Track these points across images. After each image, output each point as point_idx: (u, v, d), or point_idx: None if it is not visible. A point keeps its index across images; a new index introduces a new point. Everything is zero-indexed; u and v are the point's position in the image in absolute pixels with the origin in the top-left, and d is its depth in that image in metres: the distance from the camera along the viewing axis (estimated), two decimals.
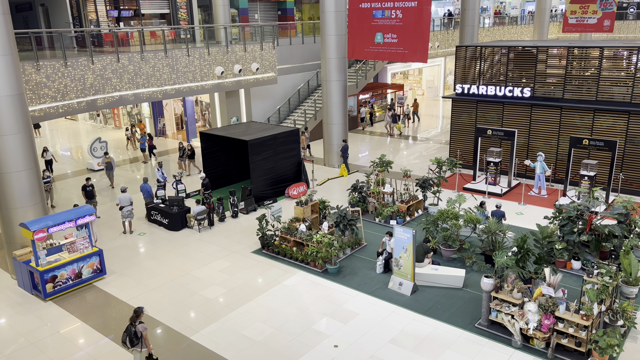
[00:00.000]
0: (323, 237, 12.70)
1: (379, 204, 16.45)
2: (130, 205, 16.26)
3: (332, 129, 21.43)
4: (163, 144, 27.25)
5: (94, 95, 17.73)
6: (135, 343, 9.21)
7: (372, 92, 31.16)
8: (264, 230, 14.06)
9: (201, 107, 27.46)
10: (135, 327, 9.23)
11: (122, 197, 16.66)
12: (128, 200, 16.44)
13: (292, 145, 18.45)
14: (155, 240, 15.19)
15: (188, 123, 26.91)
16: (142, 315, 9.31)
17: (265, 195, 17.77)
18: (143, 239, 15.30)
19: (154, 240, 15.19)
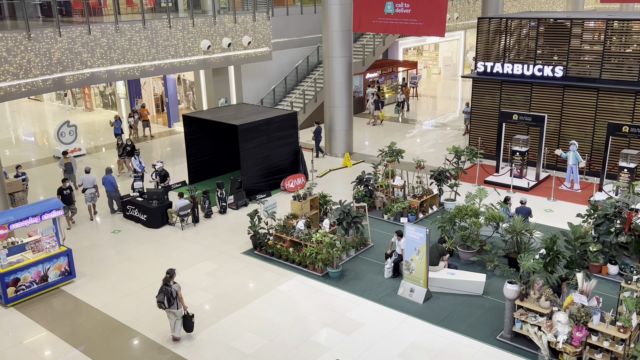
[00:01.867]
0: (324, 236, 12.72)
1: (387, 199, 16.46)
2: (93, 187, 16.37)
3: (334, 113, 21.42)
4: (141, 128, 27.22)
5: (62, 72, 17.71)
6: (171, 303, 10.45)
7: (381, 70, 31.13)
8: (256, 228, 14.09)
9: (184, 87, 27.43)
10: (170, 287, 10.46)
11: (85, 179, 16.67)
12: (91, 182, 16.48)
13: (289, 130, 18.44)
14: (131, 238, 15.23)
15: (169, 105, 26.91)
16: (174, 276, 10.57)
17: (258, 188, 17.78)
18: (118, 237, 15.33)
19: (130, 238, 15.23)
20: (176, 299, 10.54)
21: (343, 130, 21.59)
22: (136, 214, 16.12)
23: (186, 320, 10.84)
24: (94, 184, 16.38)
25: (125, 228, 15.86)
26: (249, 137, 17.21)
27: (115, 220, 16.37)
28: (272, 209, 14.64)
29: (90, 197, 16.19)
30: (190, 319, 10.83)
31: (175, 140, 24.94)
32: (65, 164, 17.98)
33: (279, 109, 20.73)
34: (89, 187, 16.28)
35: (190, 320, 10.83)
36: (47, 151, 23.54)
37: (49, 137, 25.62)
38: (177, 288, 10.57)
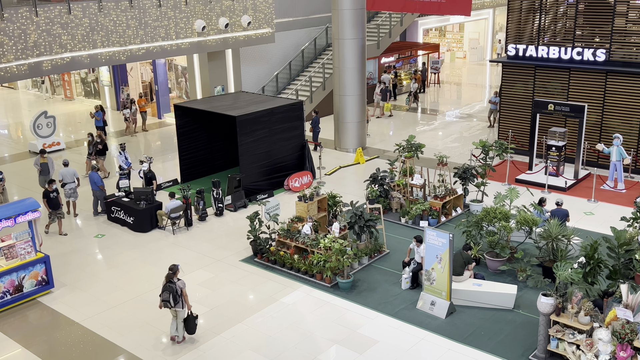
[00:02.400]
0: (333, 242, 12.73)
1: (405, 199, 16.44)
2: (74, 182, 16.43)
3: (345, 102, 21.42)
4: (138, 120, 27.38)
5: (38, 56, 17.82)
6: (177, 301, 10.90)
7: (399, 54, 31.06)
8: (257, 233, 14.11)
9: (176, 73, 27.51)
10: (175, 284, 10.89)
11: (64, 172, 16.68)
12: (72, 175, 16.52)
13: (294, 122, 18.45)
14: (117, 244, 15.30)
15: (159, 93, 27.04)
16: (178, 272, 11.03)
17: (259, 188, 17.81)
18: (102, 242, 15.40)
19: (115, 244, 15.30)
20: (181, 297, 10.97)
21: (355, 122, 21.59)
22: (122, 216, 16.19)
23: (189, 321, 11.19)
24: (75, 178, 16.47)
25: (110, 232, 15.93)
26: (248, 129, 17.22)
27: (98, 223, 16.45)
28: (274, 211, 14.65)
29: (70, 192, 16.28)
30: (193, 319, 11.19)
31: (165, 133, 25.04)
32: (41, 164, 17.54)
33: (282, 97, 20.74)
34: (69, 182, 16.36)
35: (193, 321, 11.19)
36: (22, 145, 23.71)
37: (24, 130, 25.81)
38: (181, 285, 11.00)
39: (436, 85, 32.46)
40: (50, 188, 15.31)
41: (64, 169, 16.45)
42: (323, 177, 19.29)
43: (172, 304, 10.92)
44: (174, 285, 10.96)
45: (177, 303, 10.97)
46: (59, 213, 15.52)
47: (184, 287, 11.04)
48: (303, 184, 18.33)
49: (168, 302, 10.92)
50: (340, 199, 15.32)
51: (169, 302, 10.93)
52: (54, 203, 15.37)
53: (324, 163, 19.95)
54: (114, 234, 15.79)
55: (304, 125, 18.78)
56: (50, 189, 15.30)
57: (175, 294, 10.93)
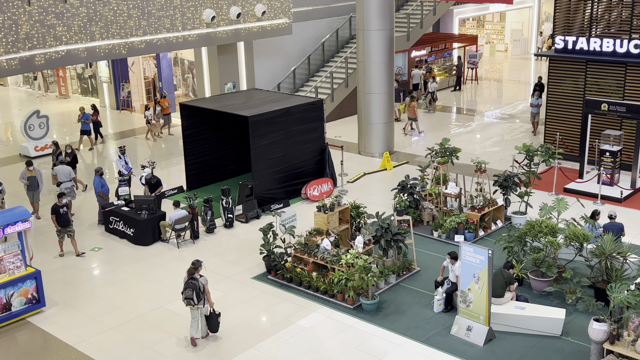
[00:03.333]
0: (356, 258, 12.71)
1: (438, 211, 16.39)
2: (70, 181, 16.59)
3: (371, 101, 21.42)
4: (127, 120, 27.73)
5: (30, 50, 18.08)
6: (200, 298, 11.60)
7: (431, 47, 31.02)
8: (271, 247, 14.16)
9: (183, 69, 27.77)
10: (197, 280, 11.57)
11: (60, 170, 16.86)
12: (67, 174, 16.69)
13: (313, 123, 18.50)
14: (115, 258, 15.43)
15: (163, 91, 27.28)
16: (200, 268, 11.74)
17: (273, 196, 17.88)
18: (98, 256, 15.55)
19: (113, 258, 15.44)
20: (203, 294, 11.67)
21: (382, 124, 21.57)
22: (121, 227, 16.32)
23: (212, 318, 11.91)
24: (72, 177, 16.61)
25: (108, 245, 16.07)
26: (262, 131, 17.30)
27: (95, 235, 16.61)
28: (290, 223, 14.67)
29: (66, 192, 16.42)
30: (216, 317, 11.93)
31: (170, 135, 25.25)
32: (29, 178, 17.17)
33: (300, 96, 20.81)
34: (65, 180, 16.51)
35: (216, 318, 11.92)
36: (12, 148, 24.06)
37: (14, 131, 26.19)
38: (204, 282, 11.69)
39: (473, 82, 32.34)
40: (59, 202, 15.05)
41: (59, 166, 16.62)
42: (345, 185, 19.30)
43: (195, 301, 11.53)
44: (197, 282, 11.58)
45: (200, 300, 11.59)
46: (69, 231, 15.25)
47: (206, 284, 11.71)
48: (323, 193, 18.36)
49: (192, 299, 11.52)
50: (365, 209, 15.31)
51: (192, 300, 11.52)
52: (64, 220, 15.12)
53: (346, 169, 19.97)
54: (112, 247, 15.93)
55: (324, 126, 18.82)
56: (59, 203, 15.04)
57: (199, 290, 11.56)
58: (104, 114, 28.37)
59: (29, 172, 17.26)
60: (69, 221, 15.23)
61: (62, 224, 15.16)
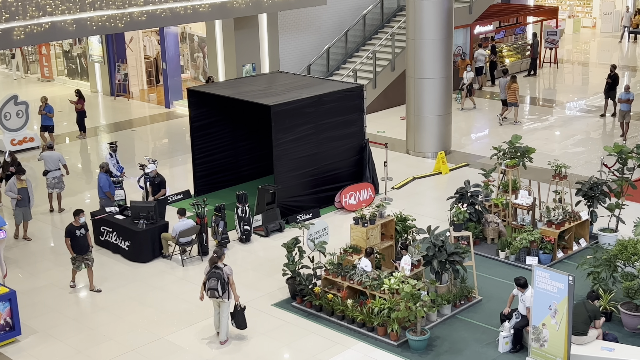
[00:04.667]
0: (402, 282, 12.69)
1: (506, 226, 16.27)
2: (58, 169, 16.89)
3: (422, 88, 21.33)
4: (124, 109, 28.05)
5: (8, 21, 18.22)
6: (225, 290, 12.50)
7: (499, 21, 30.79)
8: (296, 267, 14.19)
9: (191, 47, 27.98)
10: (222, 269, 12.50)
11: (47, 156, 17.13)
12: (56, 161, 16.98)
13: (351, 114, 18.51)
14: (106, 277, 15.55)
15: (168, 74, 27.54)
16: (224, 257, 12.81)
17: (300, 205, 17.94)
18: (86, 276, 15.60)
19: (104, 277, 15.55)
20: (228, 286, 12.55)
21: (436, 116, 21.52)
22: (114, 239, 16.47)
23: (238, 314, 12.79)
24: (61, 164, 16.83)
25: (98, 260, 16.09)
26: (287, 124, 17.35)
27: None
28: (321, 238, 14.67)
29: (54, 181, 16.67)
30: (242, 312, 12.80)
31: (175, 128, 25.47)
32: (20, 190, 16.68)
33: (335, 81, 20.80)
34: (53, 169, 16.76)
35: (242, 313, 12.80)
36: None
37: None
38: (228, 271, 12.60)
39: (552, 65, 32.07)
40: (76, 222, 14.58)
41: (47, 152, 16.82)
42: (389, 192, 19.27)
43: (220, 292, 12.43)
44: (221, 271, 12.47)
45: (224, 292, 12.48)
46: (86, 258, 14.76)
47: (231, 274, 12.58)
48: (361, 201, 18.35)
49: (216, 290, 12.40)
50: (414, 222, 15.26)
51: (217, 291, 12.41)
52: (82, 244, 14.65)
53: (391, 172, 19.94)
54: (103, 264, 16.05)
55: (364, 118, 18.83)
56: (76, 223, 14.57)
57: (224, 281, 12.45)
58: (94, 101, 28.71)
59: (19, 183, 16.78)
60: (87, 246, 14.76)
61: (78, 250, 14.63)
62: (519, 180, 17.11)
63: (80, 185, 20.51)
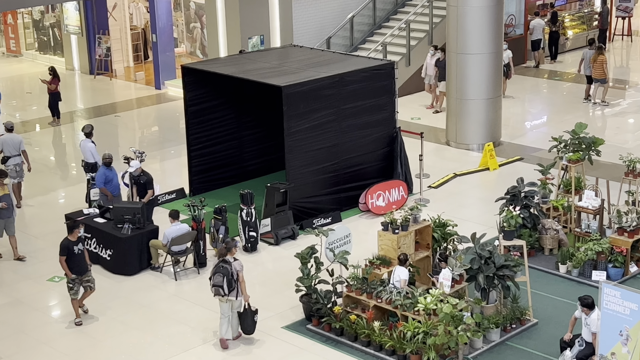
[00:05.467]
0: (440, 301, 12.61)
1: (567, 233, 16.15)
2: (19, 155, 16.99)
3: (466, 66, 21.30)
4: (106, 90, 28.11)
5: None
6: (232, 288, 13.03)
7: None
8: (313, 282, 14.14)
9: (187, 15, 27.98)
10: (230, 264, 13.05)
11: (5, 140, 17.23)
12: (17, 145, 17.09)
13: (378, 98, 18.45)
14: None
15: (158, 48, 27.55)
16: (235, 250, 13.45)
17: (317, 207, 17.92)
18: (60, 289, 15.65)
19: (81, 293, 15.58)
20: (237, 283, 13.09)
21: (483, 100, 21.44)
22: (93, 247, 16.45)
23: (247, 316, 13.35)
24: (21, 149, 16.97)
25: None
26: (302, 109, 17.30)
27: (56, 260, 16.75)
28: (342, 247, 14.60)
29: (13, 171, 16.84)
30: (252, 315, 13.37)
31: (166, 114, 25.51)
32: (2, 197, 16.31)
33: (360, 56, 20.70)
34: (14, 154, 16.84)
35: (252, 316, 13.38)
36: None
37: None
38: (238, 267, 13.15)
39: (625, 38, 31.94)
40: (73, 236, 14.23)
41: (5, 135, 16.81)
42: (426, 192, 19.21)
43: (225, 290, 12.92)
44: (229, 266, 12.96)
45: (232, 290, 12.99)
46: (86, 280, 14.39)
47: (241, 270, 13.13)
48: (391, 203, 18.26)
49: (221, 287, 12.92)
50: (455, 229, 15.18)
51: (221, 288, 12.92)
52: (80, 263, 14.29)
53: (427, 168, 19.88)
54: None
55: (395, 102, 18.72)
56: (73, 237, 14.23)
57: (231, 277, 12.94)
58: (70, 80, 28.80)
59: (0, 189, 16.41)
60: (86, 266, 14.40)
61: (77, 270, 14.22)
62: (583, 178, 16.99)
63: (53, 182, 20.59)
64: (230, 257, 13.17)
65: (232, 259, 13.14)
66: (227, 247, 13.30)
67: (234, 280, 13.00)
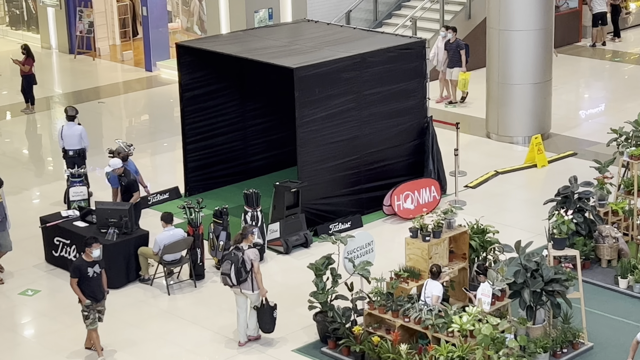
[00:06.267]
0: (479, 321, 12.65)
1: (629, 242, 16.15)
2: None
3: (510, 45, 21.33)
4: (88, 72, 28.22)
5: None
6: (243, 278, 13.58)
7: None
8: (329, 298, 14.17)
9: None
10: (243, 251, 13.63)
11: None
12: None
13: (407, 82, 18.48)
14: (60, 309, 15.58)
15: (149, 23, 27.56)
16: (251, 236, 13.92)
17: (333, 209, 18.00)
18: (33, 305, 15.80)
19: (57, 309, 15.60)
20: (251, 275, 13.58)
21: (530, 85, 21.46)
22: (72, 255, 16.46)
23: (264, 313, 13.82)
24: None
25: (50, 285, 16.31)
26: (316, 94, 17.35)
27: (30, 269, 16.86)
28: (363, 256, 14.63)
29: None
30: (270, 311, 13.82)
31: (158, 99, 25.58)
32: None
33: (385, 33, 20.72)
34: None
35: (270, 313, 13.84)
36: None
37: None
38: (252, 256, 13.69)
39: None
40: (88, 256, 13.87)
41: None
42: (462, 193, 19.26)
43: (233, 280, 13.61)
44: (241, 253, 13.59)
45: (242, 281, 13.59)
46: (99, 309, 14.06)
47: (255, 260, 13.68)
48: (422, 205, 18.27)
49: (228, 276, 13.57)
50: (496, 236, 15.21)
51: (229, 277, 13.57)
52: (95, 288, 13.95)
53: (464, 164, 19.90)
54: (57, 290, 16.12)
55: (426, 87, 18.76)
56: (88, 257, 13.88)
57: (240, 266, 13.48)
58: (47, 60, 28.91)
59: None
60: (102, 292, 14.11)
61: (93, 295, 13.91)
62: None
63: (26, 179, 20.72)
64: (245, 244, 13.74)
65: (246, 247, 13.71)
66: (243, 234, 13.84)
67: (244, 270, 13.51)
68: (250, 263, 13.58)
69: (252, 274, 13.61)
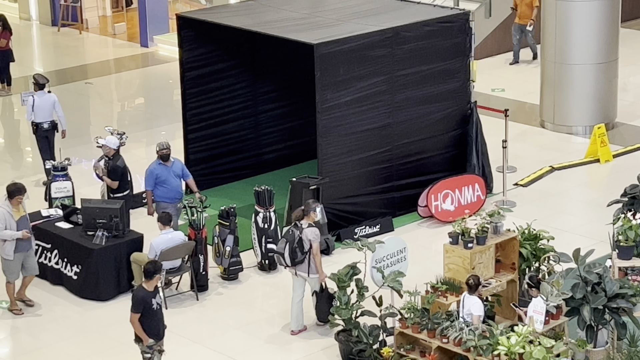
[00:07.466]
0: (530, 342, 12.63)
1: None
2: None
3: (569, 17, 21.30)
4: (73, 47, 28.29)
5: None
6: (299, 259, 14.28)
7: None
8: (353, 314, 14.22)
9: None
10: (301, 230, 14.34)
11: None
12: None
13: (447, 61, 18.54)
14: (42, 324, 15.70)
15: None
16: (313, 215, 14.80)
17: (359, 210, 18.08)
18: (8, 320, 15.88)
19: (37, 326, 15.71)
20: (309, 256, 14.22)
21: (592, 65, 21.47)
22: (54, 262, 16.63)
23: (321, 301, 14.57)
24: None
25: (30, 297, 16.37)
26: (341, 75, 17.40)
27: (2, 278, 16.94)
28: (394, 266, 14.67)
29: None
30: (329, 298, 14.40)
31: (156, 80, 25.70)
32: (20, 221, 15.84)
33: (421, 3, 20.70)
34: None
35: (327, 301, 14.43)
36: None
37: None
38: (311, 235, 14.35)
39: None
40: (150, 285, 13.46)
41: None
42: (511, 192, 19.30)
43: (287, 260, 14.40)
44: (299, 231, 14.34)
45: (297, 262, 14.33)
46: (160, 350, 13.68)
47: (314, 240, 14.35)
48: (463, 206, 18.33)
49: (282, 256, 14.37)
50: (551, 243, 15.22)
51: (282, 257, 14.38)
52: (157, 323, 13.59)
53: (514, 158, 19.94)
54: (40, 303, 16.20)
55: (470, 68, 18.80)
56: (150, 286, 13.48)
57: (296, 246, 14.22)
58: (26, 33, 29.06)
59: (15, 211, 15.82)
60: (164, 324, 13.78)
61: (156, 332, 13.58)
62: None
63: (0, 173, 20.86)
64: (306, 222, 14.48)
65: (305, 225, 14.40)
66: (305, 210, 14.65)
67: (299, 250, 14.19)
68: (308, 243, 13.98)
69: (312, 256, 13.94)
